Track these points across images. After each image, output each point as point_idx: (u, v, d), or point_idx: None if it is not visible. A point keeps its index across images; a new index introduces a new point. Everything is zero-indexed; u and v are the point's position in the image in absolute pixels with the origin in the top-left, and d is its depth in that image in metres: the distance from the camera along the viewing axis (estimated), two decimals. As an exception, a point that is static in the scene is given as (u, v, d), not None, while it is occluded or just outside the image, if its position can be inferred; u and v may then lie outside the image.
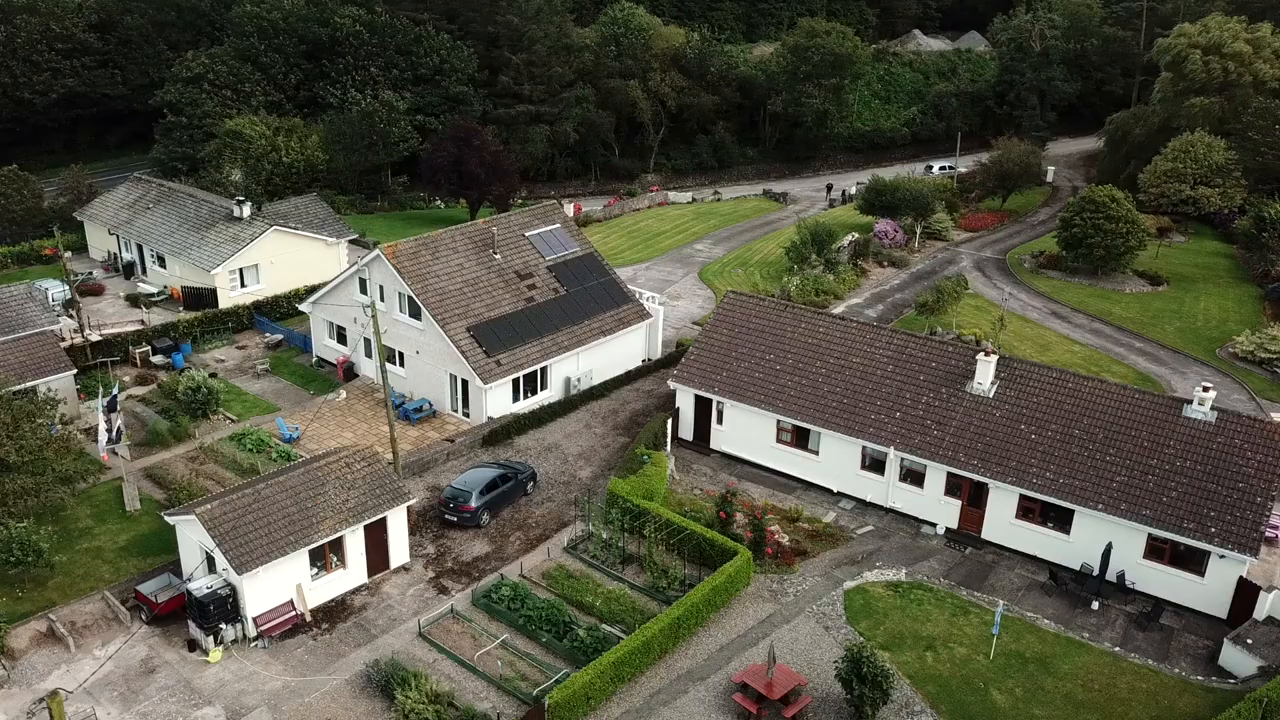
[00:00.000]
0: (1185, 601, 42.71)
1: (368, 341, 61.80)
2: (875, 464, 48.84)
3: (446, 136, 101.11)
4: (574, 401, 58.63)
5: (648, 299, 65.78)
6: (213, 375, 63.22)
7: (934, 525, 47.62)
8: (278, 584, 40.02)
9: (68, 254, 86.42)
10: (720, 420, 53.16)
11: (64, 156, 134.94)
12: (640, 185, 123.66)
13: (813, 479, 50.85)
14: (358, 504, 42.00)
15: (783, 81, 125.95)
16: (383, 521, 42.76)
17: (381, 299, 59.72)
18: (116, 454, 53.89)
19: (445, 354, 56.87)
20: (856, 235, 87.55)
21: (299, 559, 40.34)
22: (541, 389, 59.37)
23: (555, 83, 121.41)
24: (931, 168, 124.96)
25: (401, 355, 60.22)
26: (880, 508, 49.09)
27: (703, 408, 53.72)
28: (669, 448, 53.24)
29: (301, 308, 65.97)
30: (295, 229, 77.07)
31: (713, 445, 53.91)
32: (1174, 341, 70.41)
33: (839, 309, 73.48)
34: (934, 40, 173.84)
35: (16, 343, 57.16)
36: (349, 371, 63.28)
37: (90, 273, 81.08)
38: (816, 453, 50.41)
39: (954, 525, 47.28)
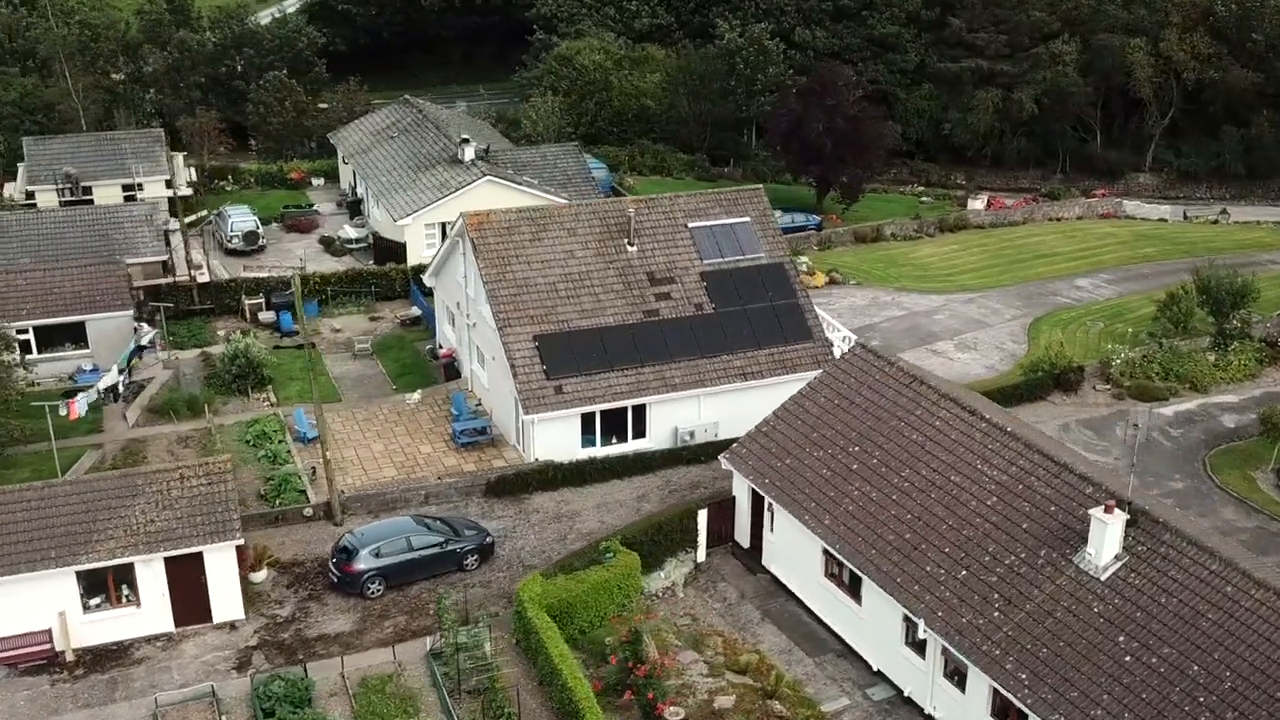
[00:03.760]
0: None
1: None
2: (922, 642, 40.83)
3: (797, 90, 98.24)
4: (648, 461, 54.93)
5: (841, 339, 59.72)
6: (311, 346, 66.95)
7: (973, 757, 39.00)
8: (32, 606, 41.71)
9: (319, 181, 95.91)
10: (772, 527, 47.25)
11: (461, 70, 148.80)
12: (1128, 185, 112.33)
13: (853, 641, 43.70)
14: (162, 529, 42.56)
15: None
16: (197, 559, 42.93)
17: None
18: (126, 419, 59.00)
19: (505, 366, 55.73)
20: (1307, 300, 73.32)
21: (63, 581, 41.71)
22: (636, 436, 56.27)
23: (1025, 33, 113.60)
24: None
25: (485, 359, 59.95)
26: (920, 710, 41.02)
27: (760, 505, 48.07)
28: (699, 552, 48.32)
29: (424, 280, 67.76)
30: (519, 183, 79.01)
31: (764, 560, 48.08)
32: None
33: (1182, 406, 62.03)
34: None
35: (81, 271, 64.33)
36: (450, 369, 64.04)
37: (313, 206, 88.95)
38: (860, 604, 43.18)
39: (998, 765, 38.41)
